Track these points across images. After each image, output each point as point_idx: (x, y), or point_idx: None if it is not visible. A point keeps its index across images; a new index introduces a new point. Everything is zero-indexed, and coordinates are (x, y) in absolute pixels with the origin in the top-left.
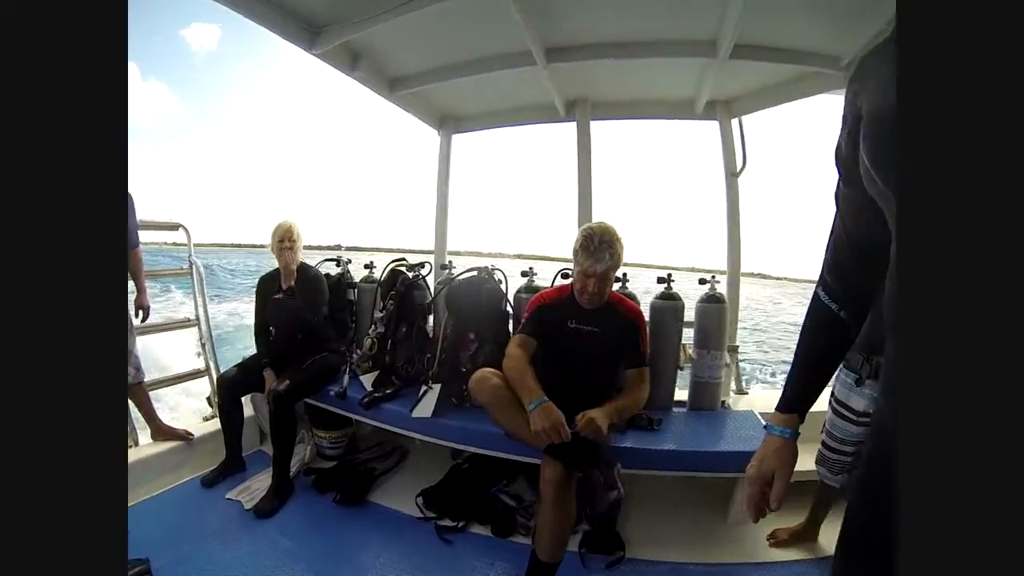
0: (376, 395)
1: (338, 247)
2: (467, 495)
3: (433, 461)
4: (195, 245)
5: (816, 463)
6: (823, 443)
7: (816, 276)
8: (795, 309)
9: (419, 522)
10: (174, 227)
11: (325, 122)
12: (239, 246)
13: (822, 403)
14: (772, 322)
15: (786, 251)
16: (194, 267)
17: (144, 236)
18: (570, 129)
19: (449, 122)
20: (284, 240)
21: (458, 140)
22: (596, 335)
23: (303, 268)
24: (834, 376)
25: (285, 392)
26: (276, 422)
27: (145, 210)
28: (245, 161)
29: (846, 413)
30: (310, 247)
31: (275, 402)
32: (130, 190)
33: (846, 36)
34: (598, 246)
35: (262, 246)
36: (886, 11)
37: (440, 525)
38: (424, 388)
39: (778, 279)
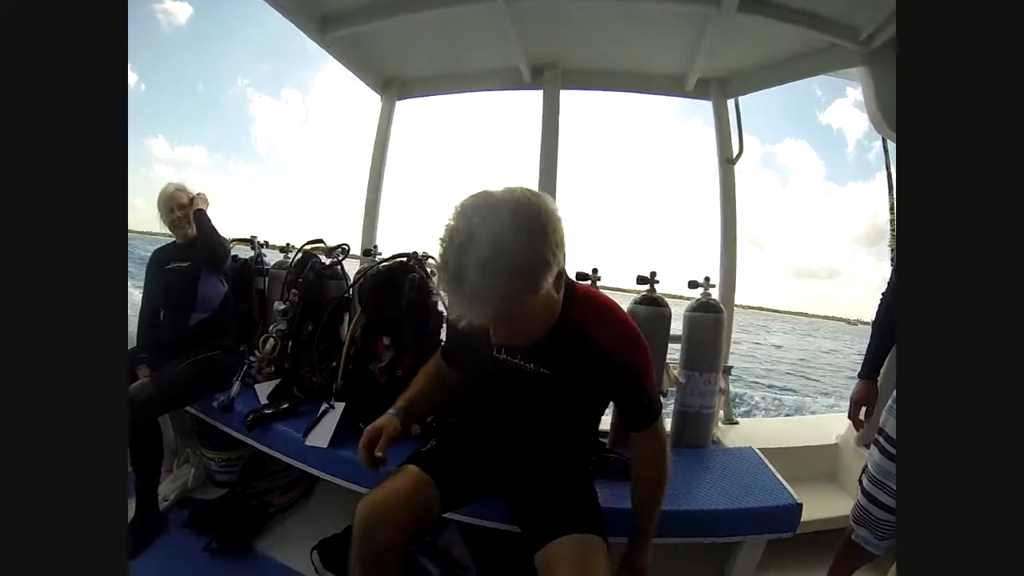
0: (266, 411)
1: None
2: None
3: (345, 496)
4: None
5: (855, 522)
6: (867, 495)
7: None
8: None
9: None
10: None
11: (290, 103)
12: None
13: None
14: None
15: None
16: None
17: None
18: (536, 99)
19: (394, 85)
20: (174, 210)
21: (404, 108)
22: (545, 379)
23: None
24: (884, 409)
25: (146, 398)
26: (134, 437)
27: None
28: (201, 147)
29: None
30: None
31: (131, 410)
32: None
33: (866, 5)
34: (462, 273)
35: None
36: None
37: None
38: (324, 407)
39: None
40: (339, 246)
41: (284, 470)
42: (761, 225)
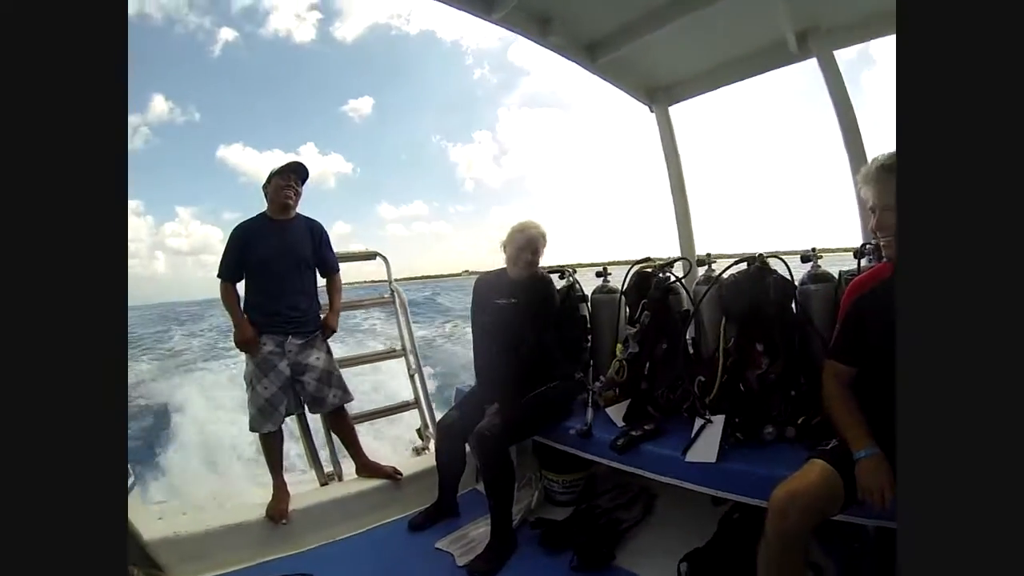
0: (633, 433)
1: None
2: (747, 561)
3: (689, 509)
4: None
5: None
6: None
7: None
8: None
9: None
10: (371, 256)
11: (482, 143)
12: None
13: None
14: None
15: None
16: (396, 295)
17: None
18: (806, 71)
19: (660, 93)
20: (538, 252)
21: (677, 112)
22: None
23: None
24: None
25: (494, 435)
26: (487, 470)
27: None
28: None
29: None
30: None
31: (481, 447)
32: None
33: None
34: (876, 170)
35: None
36: None
37: None
38: (701, 421)
39: None
40: (669, 262)
41: (619, 486)
42: None
